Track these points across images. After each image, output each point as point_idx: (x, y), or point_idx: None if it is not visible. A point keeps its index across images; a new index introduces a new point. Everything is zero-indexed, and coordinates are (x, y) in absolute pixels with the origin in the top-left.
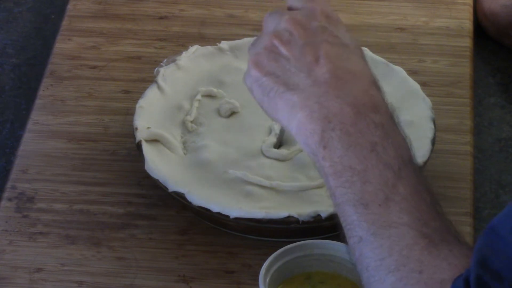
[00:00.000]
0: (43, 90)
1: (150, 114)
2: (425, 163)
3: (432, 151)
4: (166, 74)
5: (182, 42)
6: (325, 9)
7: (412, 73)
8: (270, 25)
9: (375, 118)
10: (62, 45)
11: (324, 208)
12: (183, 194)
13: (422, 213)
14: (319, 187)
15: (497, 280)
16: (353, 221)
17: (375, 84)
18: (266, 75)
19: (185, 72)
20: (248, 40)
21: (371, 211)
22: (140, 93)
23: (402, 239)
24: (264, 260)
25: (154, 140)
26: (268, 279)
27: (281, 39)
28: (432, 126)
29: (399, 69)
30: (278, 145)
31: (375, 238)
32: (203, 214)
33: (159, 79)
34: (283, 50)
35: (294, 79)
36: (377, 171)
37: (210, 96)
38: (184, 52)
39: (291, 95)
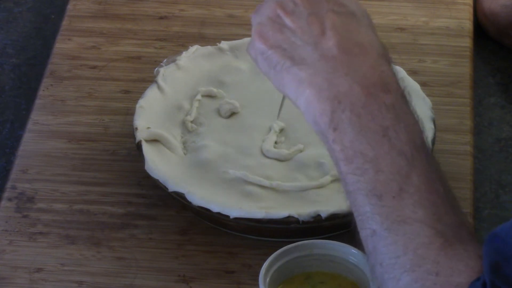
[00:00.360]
0: (43, 90)
1: (150, 114)
2: None
3: (432, 151)
4: (166, 74)
5: (182, 42)
6: None
7: (412, 73)
8: None
9: (386, 99)
10: (62, 45)
11: (324, 208)
12: (183, 194)
13: (436, 207)
14: (319, 187)
15: (509, 286)
16: (365, 212)
17: (384, 56)
18: (271, 48)
19: (185, 72)
20: (248, 40)
21: (384, 203)
22: (140, 93)
23: (417, 237)
24: (264, 260)
25: (154, 140)
26: (268, 279)
27: (285, 9)
28: (432, 126)
29: (399, 69)
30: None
31: (389, 234)
32: (203, 214)
33: (159, 79)
34: (287, 21)
35: (300, 53)
36: (389, 158)
37: (210, 96)
38: (184, 52)
39: (298, 70)
